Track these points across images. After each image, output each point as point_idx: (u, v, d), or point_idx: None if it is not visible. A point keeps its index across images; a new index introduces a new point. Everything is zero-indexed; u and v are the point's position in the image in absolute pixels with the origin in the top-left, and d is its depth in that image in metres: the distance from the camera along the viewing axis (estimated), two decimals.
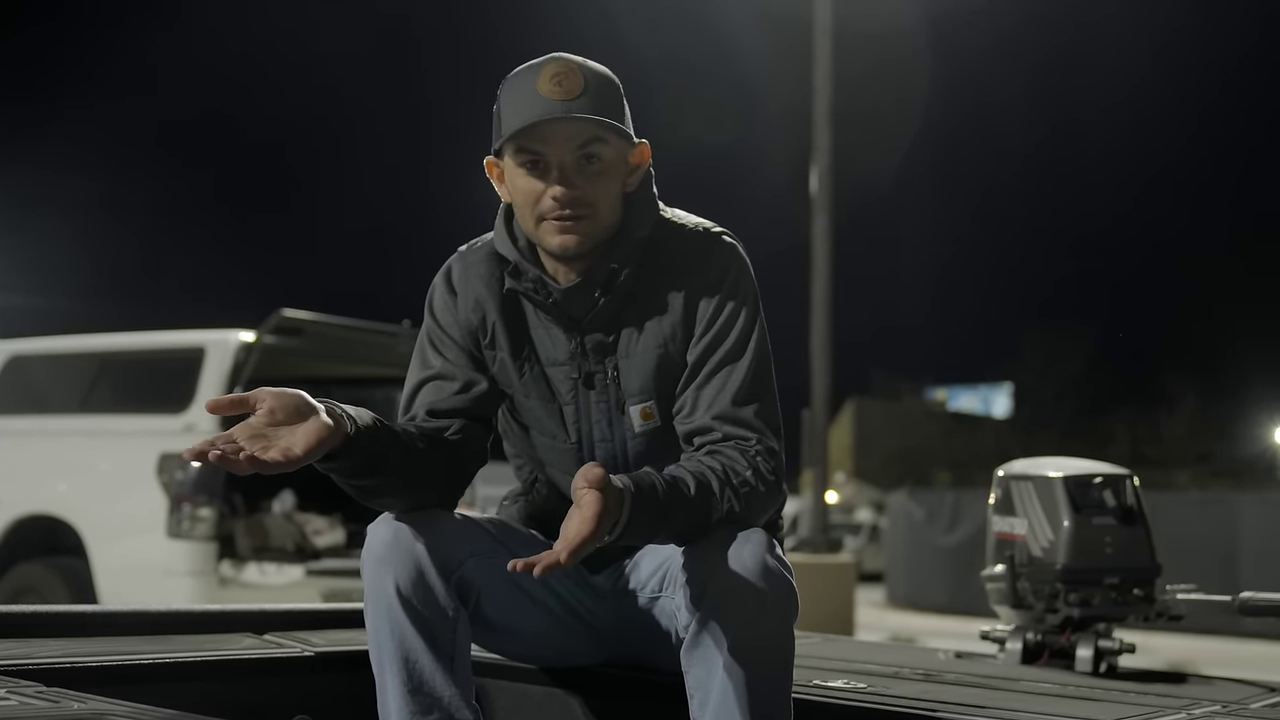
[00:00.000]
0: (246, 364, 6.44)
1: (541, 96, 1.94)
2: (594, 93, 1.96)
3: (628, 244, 2.04)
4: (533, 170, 1.98)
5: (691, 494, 1.86)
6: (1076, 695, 2.33)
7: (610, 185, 2.01)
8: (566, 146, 1.96)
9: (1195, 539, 13.88)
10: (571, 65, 1.97)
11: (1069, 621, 2.84)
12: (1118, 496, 2.91)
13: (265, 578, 6.48)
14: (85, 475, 6.69)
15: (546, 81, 1.95)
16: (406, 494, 1.96)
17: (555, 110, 1.94)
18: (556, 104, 1.94)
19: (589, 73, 1.98)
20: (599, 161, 1.98)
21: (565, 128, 1.95)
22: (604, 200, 2.00)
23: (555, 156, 1.97)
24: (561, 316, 2.06)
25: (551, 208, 1.97)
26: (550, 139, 1.96)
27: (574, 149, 1.97)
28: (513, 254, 2.06)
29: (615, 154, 2.01)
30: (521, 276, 2.05)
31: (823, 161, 11.06)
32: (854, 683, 2.27)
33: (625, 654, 2.18)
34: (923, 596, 16.87)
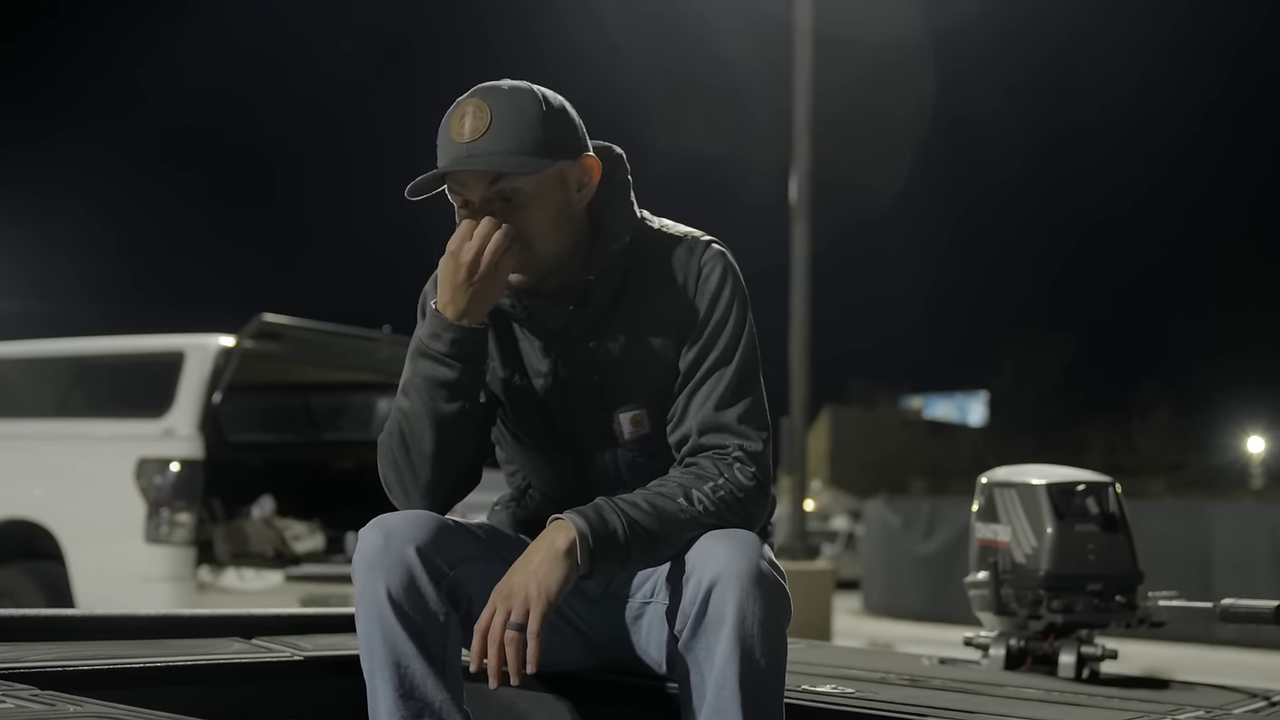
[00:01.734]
0: (226, 369, 6.42)
1: (452, 140, 1.96)
2: (498, 129, 1.94)
3: (604, 255, 2.04)
4: (463, 210, 1.99)
5: (653, 519, 1.90)
6: (1061, 700, 2.35)
7: (537, 214, 1.98)
8: (478, 188, 1.96)
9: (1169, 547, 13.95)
10: (482, 99, 1.96)
11: (1052, 628, 2.86)
12: (1100, 504, 2.93)
13: (244, 583, 6.45)
14: (62, 480, 6.65)
15: (456, 122, 1.96)
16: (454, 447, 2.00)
17: (460, 155, 1.94)
18: (461, 147, 1.94)
19: (500, 102, 1.95)
20: (518, 193, 1.97)
21: (468, 173, 1.96)
22: (534, 230, 1.98)
23: (475, 197, 1.97)
24: (539, 328, 2.06)
25: None
26: (464, 182, 1.97)
27: (485, 188, 1.96)
28: None
29: (535, 184, 1.97)
30: None
31: (802, 169, 11.09)
32: (842, 688, 2.28)
33: (616, 659, 2.18)
34: (899, 604, 16.94)
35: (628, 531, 1.88)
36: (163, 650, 2.16)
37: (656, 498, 1.92)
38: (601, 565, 1.88)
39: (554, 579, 1.83)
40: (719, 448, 2.00)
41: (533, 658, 1.79)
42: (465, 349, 1.96)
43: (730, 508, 1.95)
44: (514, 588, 1.83)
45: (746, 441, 2.01)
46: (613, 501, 1.91)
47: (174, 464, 6.27)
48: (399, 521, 1.94)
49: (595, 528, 1.86)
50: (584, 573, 1.87)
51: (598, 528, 1.86)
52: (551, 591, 1.82)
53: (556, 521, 1.89)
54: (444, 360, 1.96)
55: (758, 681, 1.82)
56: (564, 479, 2.13)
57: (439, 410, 1.98)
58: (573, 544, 1.85)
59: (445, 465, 2.01)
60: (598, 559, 1.86)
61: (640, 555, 1.92)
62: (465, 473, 2.04)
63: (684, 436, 2.03)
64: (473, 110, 1.95)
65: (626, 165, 2.13)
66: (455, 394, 1.97)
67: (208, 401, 6.38)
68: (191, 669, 2.08)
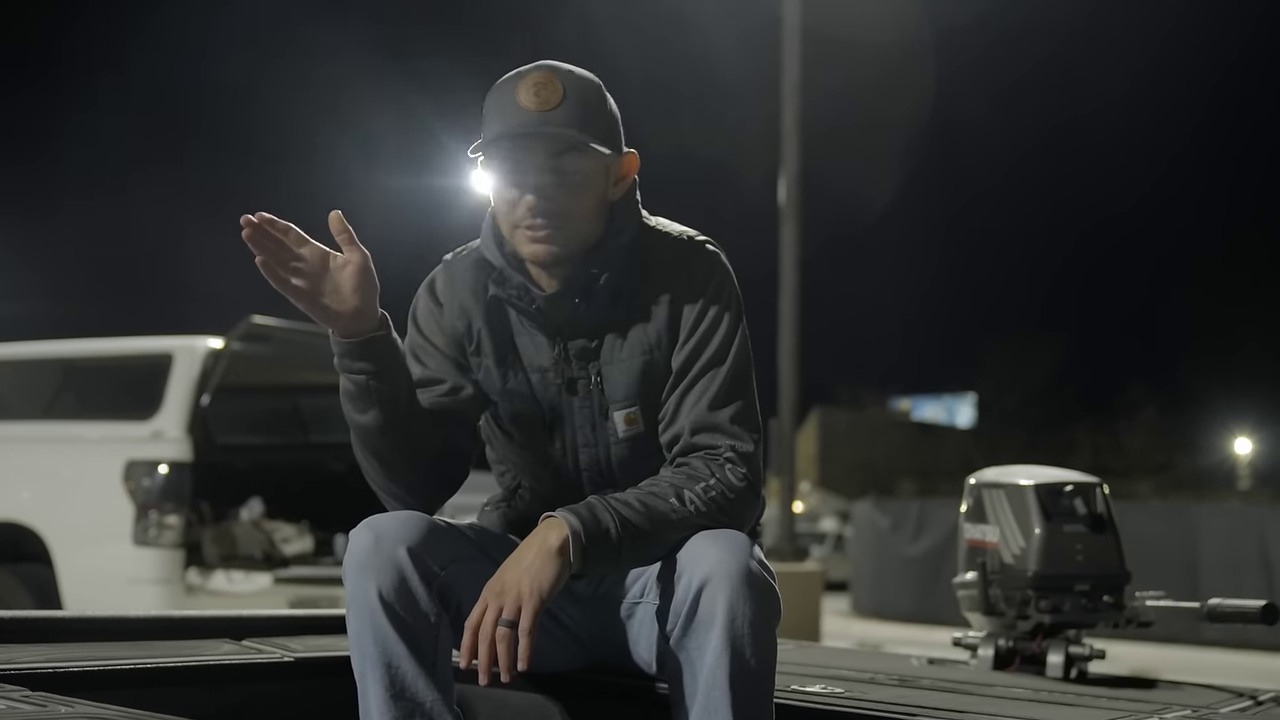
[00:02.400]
0: (215, 371, 6.41)
1: (519, 106, 1.96)
2: (572, 103, 1.98)
3: (610, 251, 2.06)
4: (509, 179, 2.00)
5: (645, 518, 1.91)
6: (1049, 700, 2.36)
7: (585, 197, 2.02)
8: (539, 158, 1.98)
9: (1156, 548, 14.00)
10: (554, 74, 1.99)
11: (1040, 628, 2.87)
12: (1088, 504, 2.95)
13: (233, 585, 6.44)
14: (50, 482, 6.63)
15: (526, 91, 1.97)
16: (403, 449, 2.00)
17: (530, 121, 1.96)
18: (532, 115, 1.96)
19: (571, 82, 1.99)
20: (574, 174, 2.00)
21: (539, 140, 1.97)
22: (577, 212, 2.01)
23: (531, 166, 1.98)
24: (544, 322, 2.07)
25: (524, 216, 1.99)
26: (526, 149, 1.97)
27: (548, 158, 1.98)
28: (498, 260, 2.07)
29: (592, 166, 2.01)
30: (505, 283, 2.07)
31: (790, 172, 11.11)
32: (831, 688, 2.29)
33: (606, 659, 2.19)
34: (888, 605, 16.95)
35: (620, 530, 1.88)
36: (153, 652, 2.16)
37: (648, 497, 1.93)
38: (594, 564, 1.89)
39: (546, 576, 1.83)
40: (710, 448, 2.01)
41: (524, 655, 1.79)
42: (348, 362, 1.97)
43: (721, 508, 1.96)
44: (506, 584, 1.83)
45: (738, 442, 2.02)
46: (605, 500, 1.92)
47: (162, 466, 6.25)
48: (390, 522, 1.95)
49: (588, 526, 1.87)
50: (576, 571, 1.87)
51: (590, 526, 1.87)
52: (544, 589, 1.82)
53: (549, 519, 1.89)
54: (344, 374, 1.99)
55: (748, 681, 1.82)
56: (556, 478, 2.14)
57: (356, 421, 2.00)
58: (565, 542, 1.85)
59: (402, 466, 2.02)
60: (590, 557, 1.87)
61: (632, 554, 1.92)
62: (435, 471, 2.05)
63: (675, 436, 2.04)
64: (545, 81, 1.98)
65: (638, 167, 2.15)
66: (364, 405, 1.98)
67: (196, 403, 6.37)
68: (182, 670, 2.08)
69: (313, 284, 1.89)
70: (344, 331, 1.94)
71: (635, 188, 2.13)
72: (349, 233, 1.90)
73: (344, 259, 1.90)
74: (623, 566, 1.97)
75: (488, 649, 1.81)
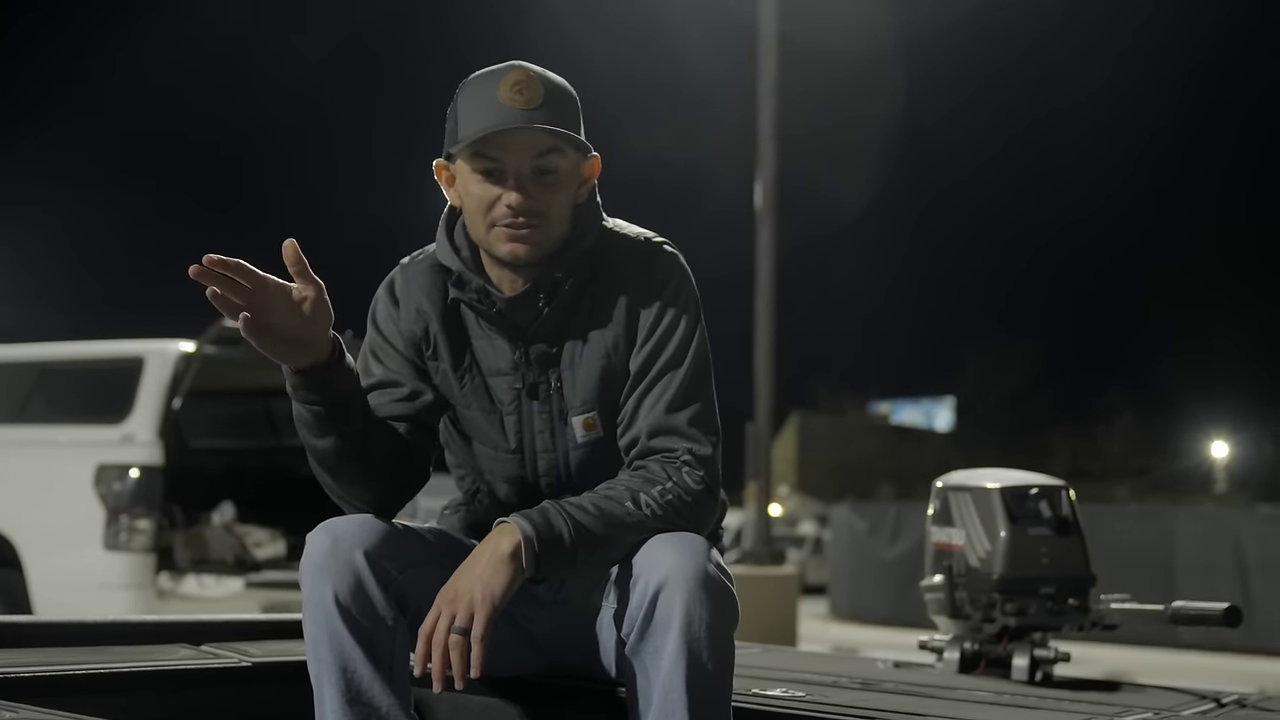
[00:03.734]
0: (186, 374, 6.39)
1: (501, 104, 1.96)
2: (553, 103, 1.98)
3: (573, 254, 2.05)
4: (488, 178, 1.99)
5: (599, 522, 1.90)
6: (1011, 704, 2.35)
7: (563, 197, 2.02)
8: (524, 156, 1.97)
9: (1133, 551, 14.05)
10: (532, 74, 1.99)
11: (1005, 631, 2.87)
12: (1053, 507, 2.94)
13: (204, 590, 6.42)
14: (21, 486, 6.59)
15: (507, 89, 1.96)
16: (360, 469, 1.98)
17: (515, 119, 1.95)
18: (517, 113, 1.95)
19: (548, 83, 2.00)
20: (554, 174, 2.00)
21: (524, 137, 1.96)
22: (555, 211, 2.01)
23: (512, 165, 1.97)
24: (506, 326, 2.06)
25: (504, 215, 1.98)
26: (509, 148, 1.97)
27: (531, 159, 1.98)
28: (455, 263, 2.06)
29: (570, 166, 2.02)
30: (465, 286, 2.06)
31: (767, 175, 11.11)
32: (792, 691, 2.28)
33: (566, 663, 2.18)
34: (865, 609, 16.97)
35: (573, 535, 1.88)
36: (108, 657, 2.14)
37: (603, 501, 1.92)
38: (547, 569, 1.88)
39: (499, 583, 1.82)
40: (668, 451, 2.00)
41: (476, 662, 1.78)
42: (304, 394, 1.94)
43: (678, 511, 1.95)
44: (459, 591, 1.82)
45: (696, 445, 2.01)
46: (559, 505, 1.91)
47: (133, 470, 6.23)
48: (347, 525, 1.94)
49: (540, 531, 1.86)
50: (530, 576, 1.86)
51: (543, 531, 1.86)
52: (496, 595, 1.81)
53: (501, 525, 1.88)
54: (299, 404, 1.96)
55: (705, 685, 1.81)
56: (513, 482, 2.13)
57: (313, 445, 1.98)
58: (518, 547, 1.84)
59: (360, 482, 2.00)
60: (543, 562, 1.86)
61: (587, 559, 1.91)
62: (394, 479, 2.04)
63: (633, 439, 2.03)
64: (528, 79, 1.98)
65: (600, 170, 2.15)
66: (320, 432, 1.95)
67: (167, 407, 6.35)
68: (136, 675, 2.06)
69: (264, 317, 1.82)
70: (299, 365, 1.90)
71: (596, 191, 2.13)
72: (303, 264, 1.85)
73: (299, 292, 1.85)
74: (579, 571, 1.96)
75: (441, 656, 1.80)
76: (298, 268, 1.86)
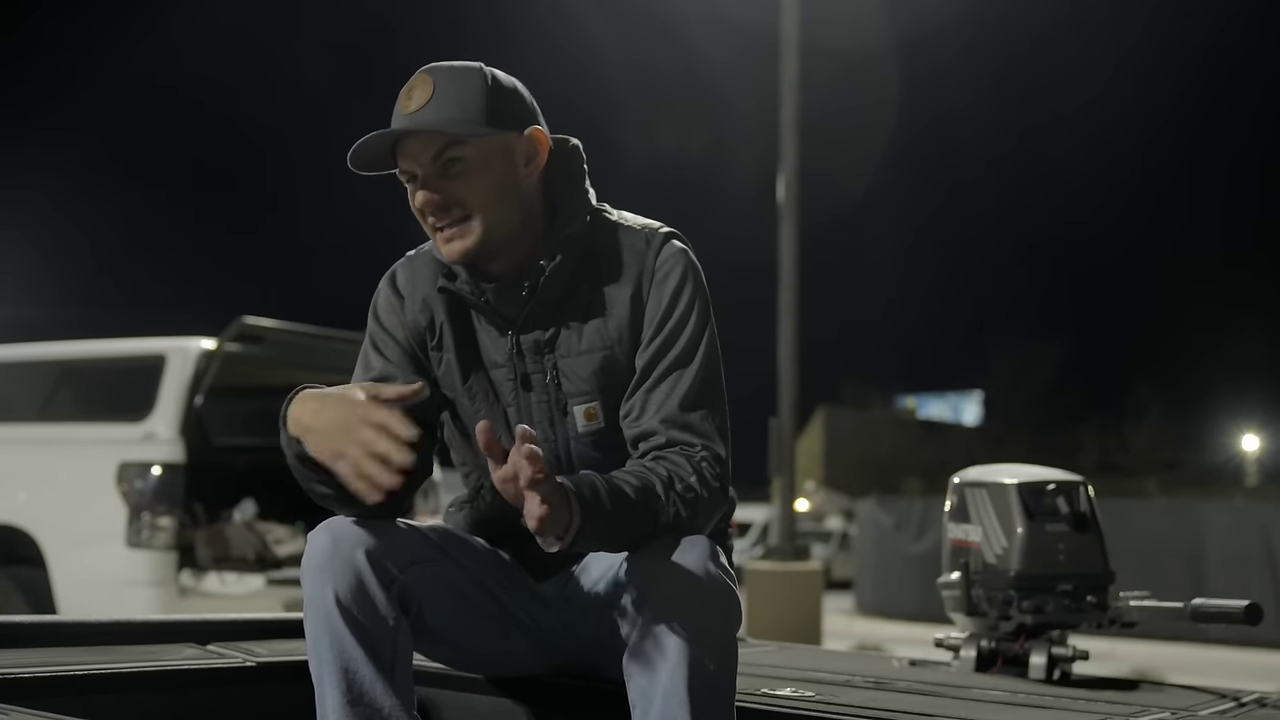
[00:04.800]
0: (207, 372, 6.40)
1: (398, 112, 1.97)
2: (440, 98, 1.95)
3: (557, 239, 2.02)
4: (410, 185, 1.99)
5: (635, 500, 1.85)
6: (1025, 703, 2.32)
7: (481, 183, 1.98)
8: (423, 158, 1.96)
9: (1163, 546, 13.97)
10: (426, 75, 1.98)
11: (1022, 628, 2.83)
12: (1071, 503, 2.90)
13: (226, 587, 6.42)
14: (44, 484, 6.61)
15: (403, 96, 1.98)
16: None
17: (403, 124, 1.96)
18: (403, 119, 1.96)
19: (442, 78, 1.97)
20: (460, 162, 1.97)
21: (413, 141, 1.96)
22: (478, 199, 1.97)
23: (419, 169, 1.97)
24: (495, 316, 2.04)
25: (425, 218, 1.99)
26: (408, 154, 1.97)
27: (430, 159, 1.96)
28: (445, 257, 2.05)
29: (479, 152, 1.97)
30: (456, 277, 2.04)
31: (789, 169, 11.07)
32: (802, 691, 2.25)
33: (572, 663, 2.16)
34: (891, 604, 16.92)
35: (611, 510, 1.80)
36: (114, 656, 2.13)
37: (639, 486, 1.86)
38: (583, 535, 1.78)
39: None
40: (687, 444, 1.97)
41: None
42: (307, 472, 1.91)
43: (697, 508, 1.92)
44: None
45: (711, 443, 1.98)
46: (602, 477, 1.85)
47: (155, 468, 6.24)
48: (348, 524, 1.92)
49: (586, 500, 1.78)
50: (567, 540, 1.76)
51: (588, 500, 1.78)
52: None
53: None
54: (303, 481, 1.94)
55: (707, 687, 1.79)
56: None
57: (309, 488, 1.96)
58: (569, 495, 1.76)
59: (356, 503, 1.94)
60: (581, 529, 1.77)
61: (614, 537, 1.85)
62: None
63: (647, 431, 1.99)
64: (418, 84, 1.98)
65: (583, 155, 2.13)
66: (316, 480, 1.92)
67: (189, 405, 6.35)
68: (140, 675, 2.05)
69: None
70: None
71: (579, 176, 2.09)
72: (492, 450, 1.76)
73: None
74: (604, 546, 1.90)
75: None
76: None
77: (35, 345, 7.61)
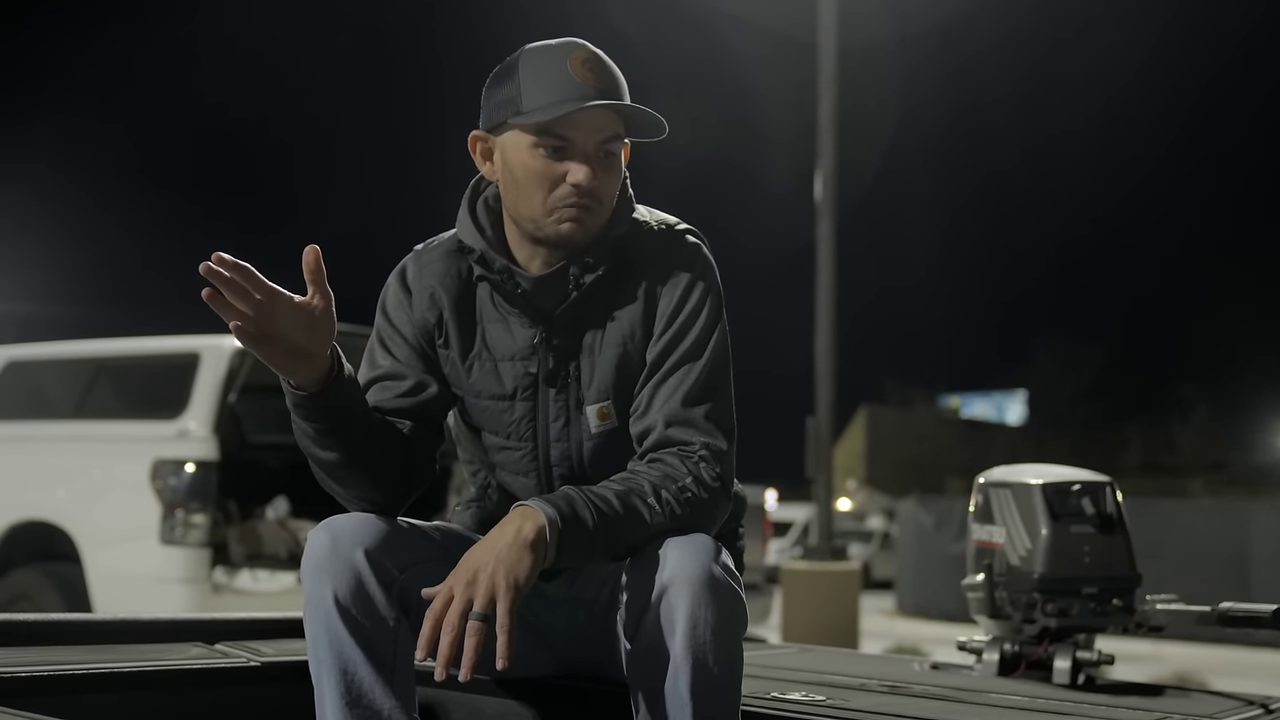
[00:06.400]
0: (241, 369, 6.42)
1: (575, 81, 1.90)
2: (620, 86, 1.95)
3: (606, 240, 2.00)
4: (552, 154, 1.93)
5: (619, 508, 1.83)
6: (1043, 709, 2.27)
7: (617, 180, 1.99)
8: (593, 137, 1.93)
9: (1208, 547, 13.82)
10: (598, 53, 1.95)
11: (1046, 632, 2.78)
12: (1097, 504, 2.84)
13: (258, 584, 6.45)
14: (80, 481, 6.67)
15: (579, 65, 1.91)
16: (364, 474, 1.94)
17: (592, 98, 1.90)
18: (592, 90, 1.90)
19: (613, 65, 1.96)
20: (615, 157, 1.96)
21: (597, 118, 1.92)
22: (610, 194, 1.98)
23: (581, 144, 1.92)
24: (528, 308, 2.00)
25: (568, 194, 1.92)
26: (582, 126, 1.92)
27: (598, 141, 1.93)
28: (479, 242, 2.01)
29: (623, 152, 1.99)
30: (490, 265, 2.00)
31: (827, 166, 11.00)
32: (812, 695, 2.21)
33: (579, 664, 2.13)
34: (932, 604, 16.82)
35: (596, 523, 1.80)
36: (117, 655, 2.11)
37: (624, 491, 1.85)
38: (566, 556, 1.79)
39: (523, 568, 1.72)
40: (684, 444, 1.93)
41: (504, 653, 1.67)
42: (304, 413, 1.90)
43: (695, 507, 1.89)
44: (478, 573, 1.71)
45: (712, 439, 1.94)
46: (582, 492, 1.84)
47: (189, 465, 6.27)
48: (348, 523, 1.89)
49: (565, 516, 1.78)
50: (548, 564, 1.77)
51: (568, 516, 1.78)
52: (521, 580, 1.71)
53: (522, 508, 1.80)
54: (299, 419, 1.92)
55: (711, 690, 1.75)
56: (524, 473, 2.07)
57: (316, 456, 1.94)
58: (541, 531, 1.75)
59: (366, 486, 1.96)
60: (565, 550, 1.78)
61: (606, 550, 1.84)
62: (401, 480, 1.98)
63: (648, 429, 1.96)
64: (596, 59, 1.93)
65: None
66: (323, 444, 1.92)
67: (222, 402, 6.38)
68: (140, 675, 2.04)
69: (270, 327, 1.76)
70: (297, 377, 1.84)
71: (628, 178, 2.07)
72: (322, 273, 1.80)
73: (305, 303, 1.79)
74: (595, 560, 1.88)
75: (453, 641, 1.68)
76: (314, 276, 1.80)
77: (71, 343, 7.68)
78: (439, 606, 1.71)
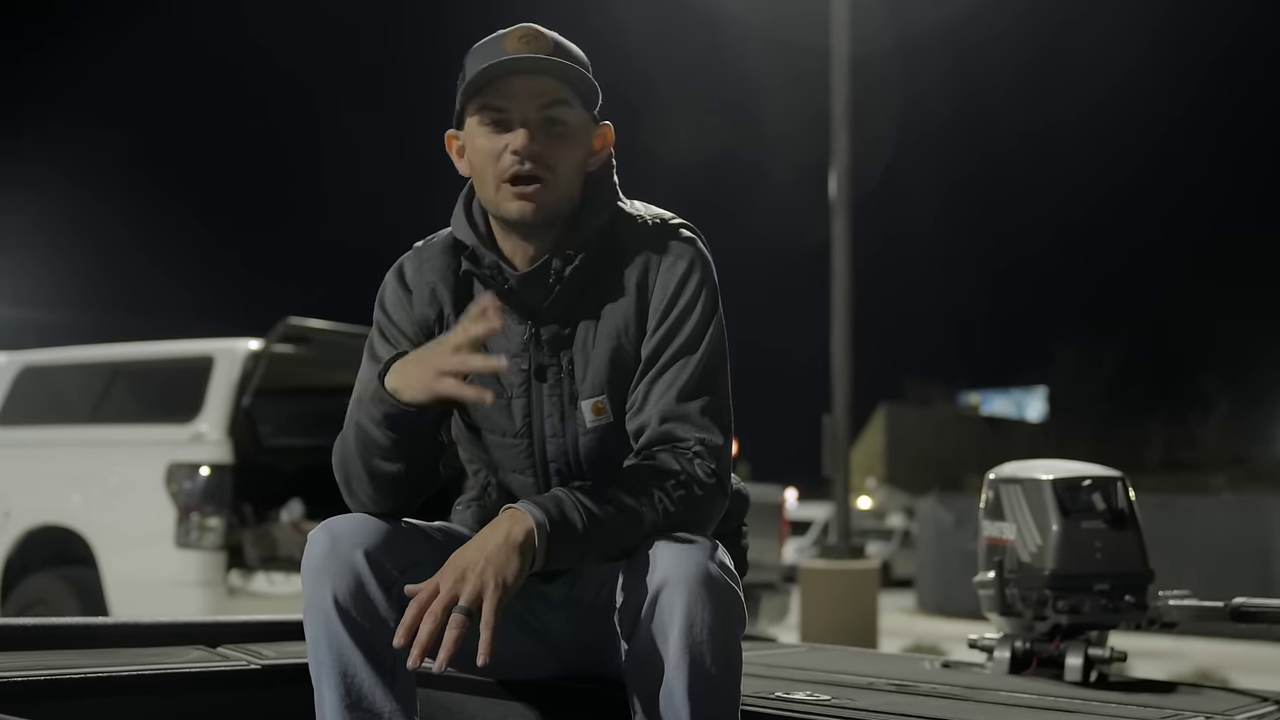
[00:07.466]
0: (254, 372, 6.43)
1: (508, 51, 1.90)
2: (561, 55, 1.93)
3: (585, 230, 1.98)
4: (494, 128, 1.93)
5: (613, 513, 1.82)
6: (1054, 707, 2.24)
7: (571, 152, 1.95)
8: (531, 104, 1.92)
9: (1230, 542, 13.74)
10: (542, 30, 1.94)
11: (1058, 629, 2.75)
12: (1108, 500, 2.81)
13: (273, 587, 6.45)
14: (95, 485, 6.68)
15: (515, 40, 1.91)
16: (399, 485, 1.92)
17: (521, 62, 1.89)
18: (523, 58, 1.90)
19: (560, 39, 1.95)
20: (563, 124, 1.94)
21: (530, 83, 1.91)
22: (564, 166, 1.94)
23: (519, 112, 1.92)
24: (517, 304, 1.99)
25: (511, 164, 1.91)
26: (514, 94, 1.91)
27: (538, 107, 1.92)
28: (471, 238, 2.00)
29: (579, 120, 1.96)
30: (479, 261, 1.99)
31: (841, 163, 10.96)
32: (817, 694, 2.18)
33: (579, 665, 2.11)
34: (952, 602, 16.74)
35: (586, 525, 1.79)
36: (118, 659, 2.10)
37: (615, 491, 1.84)
38: (557, 560, 1.79)
39: (511, 569, 1.72)
40: (679, 440, 1.92)
41: (486, 650, 1.65)
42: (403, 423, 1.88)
43: (689, 505, 1.87)
44: (466, 569, 1.71)
45: (707, 435, 1.92)
46: (572, 494, 1.82)
47: (203, 468, 6.28)
48: (348, 524, 1.88)
49: (554, 519, 1.77)
50: (538, 567, 1.77)
51: (556, 519, 1.77)
52: (508, 581, 1.71)
53: (511, 511, 1.79)
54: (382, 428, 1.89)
55: (709, 690, 1.73)
56: (522, 470, 2.05)
57: (378, 468, 1.92)
58: (530, 535, 1.75)
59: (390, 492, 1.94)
60: (554, 553, 1.77)
61: (599, 551, 1.83)
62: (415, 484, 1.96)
63: (643, 425, 1.94)
64: (536, 33, 1.93)
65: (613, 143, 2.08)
66: (395, 456, 1.90)
67: (236, 405, 6.39)
68: (141, 678, 2.03)
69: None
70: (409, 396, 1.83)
71: (612, 167, 2.05)
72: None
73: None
74: (586, 563, 1.87)
75: (432, 630, 1.66)
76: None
77: (85, 348, 7.69)
78: (424, 597, 1.71)
